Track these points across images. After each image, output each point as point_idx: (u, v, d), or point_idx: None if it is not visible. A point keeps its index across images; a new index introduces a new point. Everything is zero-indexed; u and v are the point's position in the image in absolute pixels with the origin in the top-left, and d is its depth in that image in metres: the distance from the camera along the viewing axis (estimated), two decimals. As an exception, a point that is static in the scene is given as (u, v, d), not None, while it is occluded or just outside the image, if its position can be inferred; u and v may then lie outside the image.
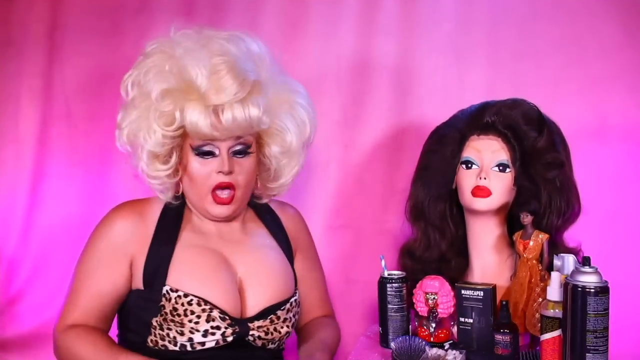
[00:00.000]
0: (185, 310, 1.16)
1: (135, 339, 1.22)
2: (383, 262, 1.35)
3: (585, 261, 1.08)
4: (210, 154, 1.20)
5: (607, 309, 1.04)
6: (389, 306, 1.32)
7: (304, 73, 1.71)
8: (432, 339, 1.30)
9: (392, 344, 1.23)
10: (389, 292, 1.32)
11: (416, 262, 1.42)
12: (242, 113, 1.17)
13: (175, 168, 1.24)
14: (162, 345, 1.18)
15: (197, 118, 1.16)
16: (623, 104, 1.57)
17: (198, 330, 1.16)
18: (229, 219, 1.29)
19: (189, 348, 1.17)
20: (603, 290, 1.04)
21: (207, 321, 1.16)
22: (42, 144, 1.77)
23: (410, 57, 1.68)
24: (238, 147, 1.22)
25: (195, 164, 1.21)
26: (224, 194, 1.22)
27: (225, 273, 1.23)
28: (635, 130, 1.56)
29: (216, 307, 1.17)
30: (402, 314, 1.32)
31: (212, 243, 1.27)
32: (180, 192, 1.28)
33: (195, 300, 1.16)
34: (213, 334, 1.17)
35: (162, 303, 1.17)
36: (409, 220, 1.46)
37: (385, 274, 1.34)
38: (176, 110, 1.18)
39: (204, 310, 1.16)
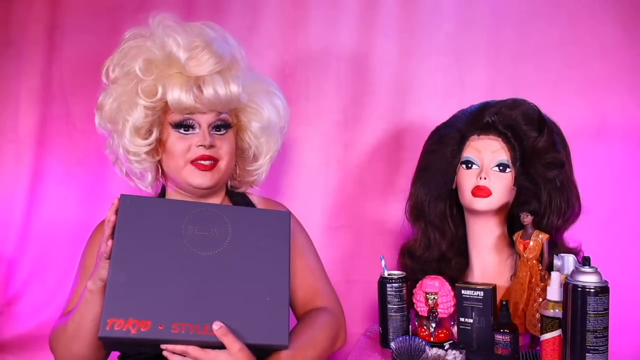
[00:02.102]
0: None
1: None
2: (383, 262, 1.35)
3: (585, 261, 1.08)
4: (190, 127, 1.23)
5: (607, 309, 1.04)
6: (389, 306, 1.32)
7: (304, 73, 1.72)
8: (432, 339, 1.30)
9: (392, 344, 1.22)
10: (389, 292, 1.32)
11: (416, 262, 1.42)
12: (223, 87, 1.21)
13: (155, 146, 1.26)
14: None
15: (178, 90, 1.19)
16: (623, 104, 1.58)
17: None
18: (208, 192, 1.30)
19: None
20: (603, 290, 1.04)
21: None
22: (41, 144, 1.78)
23: (410, 58, 1.68)
24: (218, 123, 1.24)
25: (174, 138, 1.23)
26: (206, 162, 1.23)
27: None
28: (635, 130, 1.57)
29: None
30: (402, 314, 1.32)
31: None
32: (159, 179, 1.31)
33: None
34: None
35: None
36: (409, 220, 1.46)
37: (385, 274, 1.34)
38: (158, 82, 1.21)
39: None
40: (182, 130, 1.23)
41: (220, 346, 1.04)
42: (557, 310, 1.12)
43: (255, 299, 1.09)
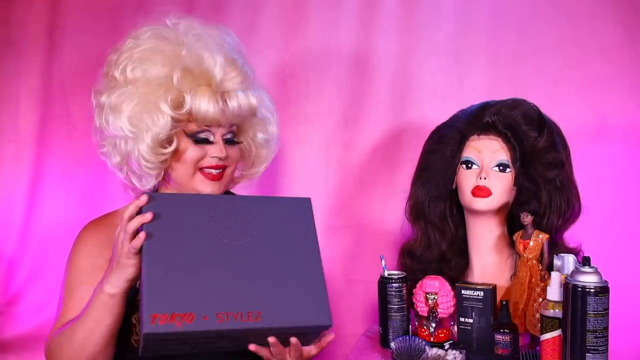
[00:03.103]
0: None
1: (120, 341, 1.22)
2: (383, 262, 1.35)
3: (585, 261, 1.08)
4: (206, 140, 1.24)
5: (607, 309, 1.04)
6: (389, 306, 1.32)
7: (304, 73, 1.72)
8: (432, 339, 1.30)
9: (392, 344, 1.23)
10: (389, 292, 1.32)
11: (416, 262, 1.42)
12: (246, 102, 1.23)
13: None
14: (135, 342, 1.19)
15: (206, 103, 1.20)
16: (623, 104, 1.58)
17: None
18: None
19: None
20: (603, 290, 1.04)
21: None
22: (41, 144, 1.77)
23: (410, 58, 1.68)
24: (229, 136, 1.26)
25: (189, 148, 1.23)
26: (215, 171, 1.24)
27: None
28: (635, 130, 1.57)
29: None
30: (402, 314, 1.32)
31: None
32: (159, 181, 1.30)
33: None
34: None
35: (138, 298, 1.17)
36: (409, 220, 1.46)
37: (386, 274, 1.34)
38: (187, 94, 1.20)
39: None
40: (199, 141, 1.23)
41: (264, 333, 1.04)
42: (557, 310, 1.13)
43: (293, 282, 1.08)
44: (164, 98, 1.19)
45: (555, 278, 1.15)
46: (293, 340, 1.06)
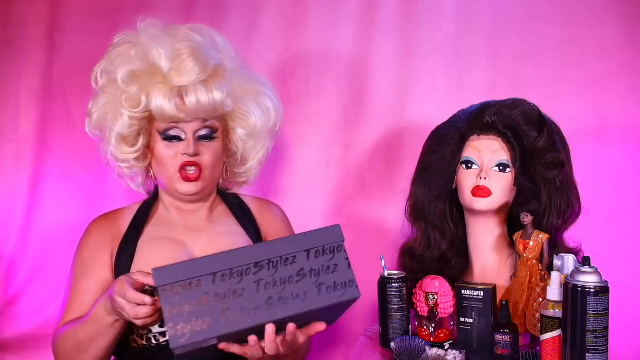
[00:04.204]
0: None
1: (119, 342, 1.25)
2: (383, 262, 1.35)
3: (585, 261, 1.08)
4: (177, 138, 1.24)
5: (607, 309, 1.04)
6: (389, 306, 1.32)
7: (304, 73, 1.72)
8: (432, 339, 1.30)
9: (392, 344, 1.22)
10: (389, 292, 1.32)
11: (416, 262, 1.42)
12: (206, 96, 1.21)
13: (143, 152, 1.28)
14: (132, 340, 1.22)
15: (162, 100, 1.20)
16: (623, 104, 1.58)
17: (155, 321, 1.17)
18: (196, 198, 1.31)
19: (153, 341, 1.20)
20: (603, 290, 1.04)
21: None
22: (41, 144, 1.77)
23: (410, 57, 1.68)
24: (204, 132, 1.25)
25: (162, 147, 1.25)
26: (191, 171, 1.24)
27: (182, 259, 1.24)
28: (635, 130, 1.57)
29: None
30: (402, 314, 1.32)
31: (175, 233, 1.30)
32: (152, 180, 1.33)
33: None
34: None
35: None
36: (409, 220, 1.46)
37: (386, 274, 1.34)
38: (142, 93, 1.22)
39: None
40: (168, 139, 1.24)
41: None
42: (557, 310, 1.12)
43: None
44: (122, 98, 1.22)
45: (555, 278, 1.15)
46: (290, 327, 1.03)
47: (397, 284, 1.32)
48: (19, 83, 1.77)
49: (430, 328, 1.30)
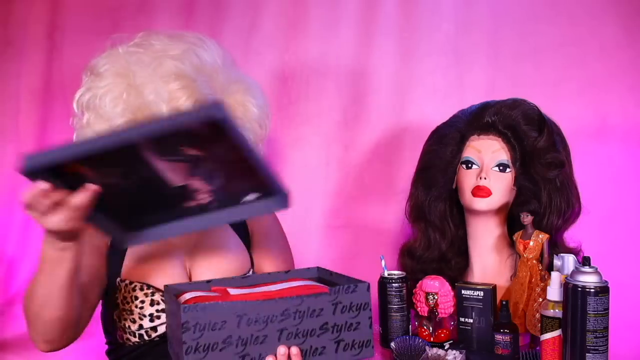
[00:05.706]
0: (131, 296, 1.19)
1: (109, 339, 1.26)
2: (383, 262, 1.35)
3: (585, 261, 1.08)
4: None
5: (607, 309, 1.04)
6: (389, 306, 1.32)
7: (304, 73, 1.72)
8: (432, 339, 1.30)
9: (392, 344, 1.22)
10: (389, 292, 1.32)
11: (416, 262, 1.42)
12: None
13: None
14: (126, 339, 1.21)
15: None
16: (623, 104, 1.58)
17: (145, 315, 1.18)
18: None
19: (145, 337, 1.19)
20: (603, 290, 1.04)
21: (151, 305, 1.18)
22: (41, 144, 1.77)
23: (410, 58, 1.68)
24: None
25: None
26: None
27: (171, 256, 1.24)
28: (635, 130, 1.57)
29: (158, 290, 1.19)
30: (402, 314, 1.32)
31: None
32: None
33: (138, 285, 1.19)
34: (159, 317, 1.18)
35: (116, 295, 1.20)
36: (409, 220, 1.46)
37: (385, 274, 1.34)
38: (127, 118, 1.17)
39: (146, 295, 1.18)
40: None
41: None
42: (557, 310, 1.13)
43: None
44: (108, 124, 1.17)
45: (555, 278, 1.15)
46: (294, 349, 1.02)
47: (397, 284, 1.32)
48: (19, 83, 1.77)
49: (430, 328, 1.30)
